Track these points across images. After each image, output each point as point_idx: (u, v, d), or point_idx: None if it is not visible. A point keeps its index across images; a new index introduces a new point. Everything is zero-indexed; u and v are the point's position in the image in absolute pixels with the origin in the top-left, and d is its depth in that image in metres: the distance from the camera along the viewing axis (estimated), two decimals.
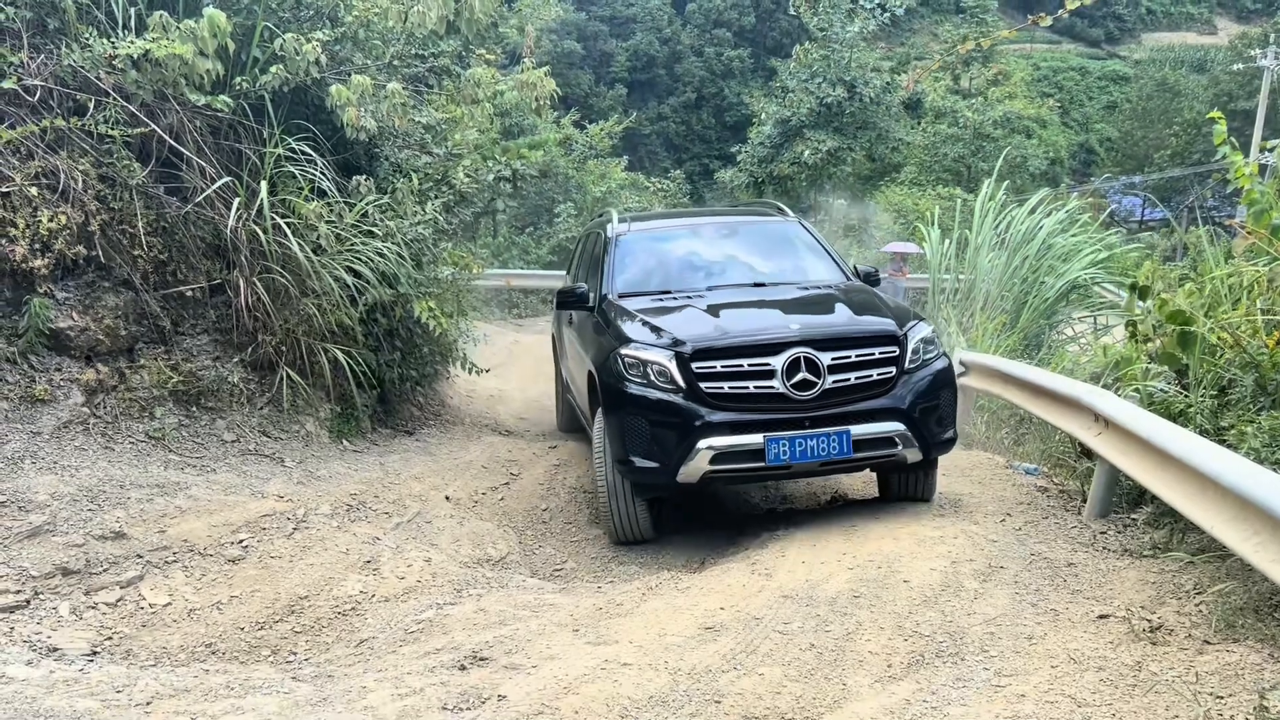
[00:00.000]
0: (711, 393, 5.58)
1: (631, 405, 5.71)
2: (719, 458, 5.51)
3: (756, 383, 5.56)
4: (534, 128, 21.30)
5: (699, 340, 5.70)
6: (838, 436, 5.53)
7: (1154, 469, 4.91)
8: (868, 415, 5.63)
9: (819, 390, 5.55)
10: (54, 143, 5.96)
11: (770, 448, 5.48)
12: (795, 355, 5.54)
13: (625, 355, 5.82)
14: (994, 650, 4.25)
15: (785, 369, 5.53)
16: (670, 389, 5.62)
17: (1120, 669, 3.98)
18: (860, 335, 5.79)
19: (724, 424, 5.52)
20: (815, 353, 5.56)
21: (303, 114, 7.28)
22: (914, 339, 5.86)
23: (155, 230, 6.32)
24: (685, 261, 7.33)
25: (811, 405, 5.54)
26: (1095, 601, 4.72)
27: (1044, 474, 7.58)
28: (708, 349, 5.63)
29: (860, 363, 5.66)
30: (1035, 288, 11.12)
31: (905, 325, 5.93)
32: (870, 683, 3.89)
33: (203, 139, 6.58)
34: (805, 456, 5.49)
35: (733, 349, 5.63)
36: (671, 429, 5.57)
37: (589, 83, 55.79)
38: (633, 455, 5.70)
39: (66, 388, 5.86)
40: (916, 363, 5.82)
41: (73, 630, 4.32)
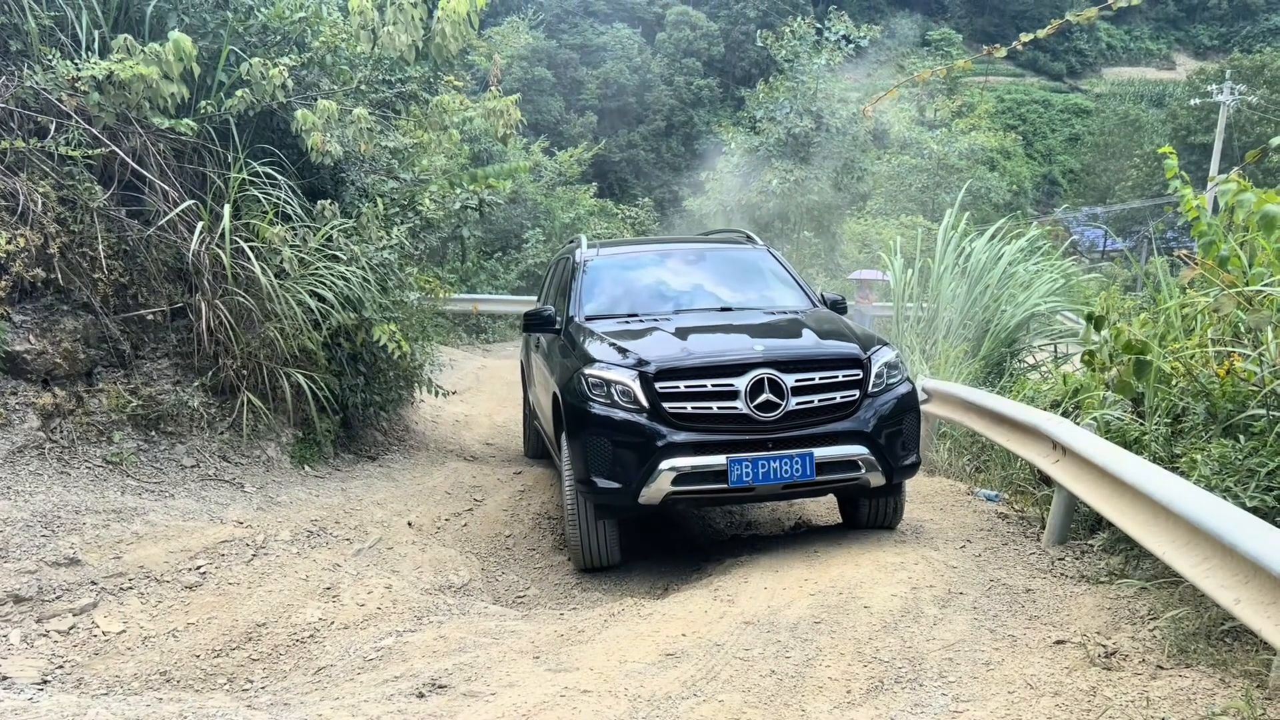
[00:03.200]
0: (675, 413, 5.58)
1: (594, 425, 5.69)
2: (682, 478, 5.50)
3: (720, 403, 5.56)
4: (503, 154, 21.36)
5: (663, 360, 5.72)
6: (801, 459, 5.52)
7: (1109, 496, 4.98)
8: (831, 438, 5.64)
9: (782, 412, 5.56)
10: (14, 164, 5.91)
11: (733, 469, 5.47)
12: (759, 376, 5.55)
13: (589, 375, 5.80)
14: (952, 676, 4.28)
15: (749, 390, 5.54)
16: (634, 409, 5.61)
17: (1075, 694, 4.02)
18: (824, 358, 5.81)
19: (687, 444, 5.52)
20: (779, 374, 5.58)
21: (268, 138, 7.27)
22: (878, 363, 5.89)
23: (116, 253, 6.27)
24: (652, 287, 7.39)
25: (775, 427, 5.56)
26: (1052, 627, 4.77)
27: (1004, 500, 7.66)
28: (672, 369, 5.65)
29: (823, 385, 5.69)
30: (996, 316, 11.25)
31: (869, 349, 5.98)
32: (829, 709, 3.90)
33: (166, 162, 6.55)
34: (768, 478, 5.49)
35: (696, 369, 5.65)
36: (634, 449, 5.55)
37: (559, 109, 56.04)
38: (594, 475, 5.68)
39: (22, 411, 5.78)
40: (880, 386, 5.85)
41: (23, 659, 4.24)
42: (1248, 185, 4.66)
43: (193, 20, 7.01)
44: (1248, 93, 44.81)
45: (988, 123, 38.53)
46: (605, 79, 60.60)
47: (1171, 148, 5.88)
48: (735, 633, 4.65)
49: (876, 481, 5.76)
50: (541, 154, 23.33)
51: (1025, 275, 11.50)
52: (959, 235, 12.49)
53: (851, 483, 5.77)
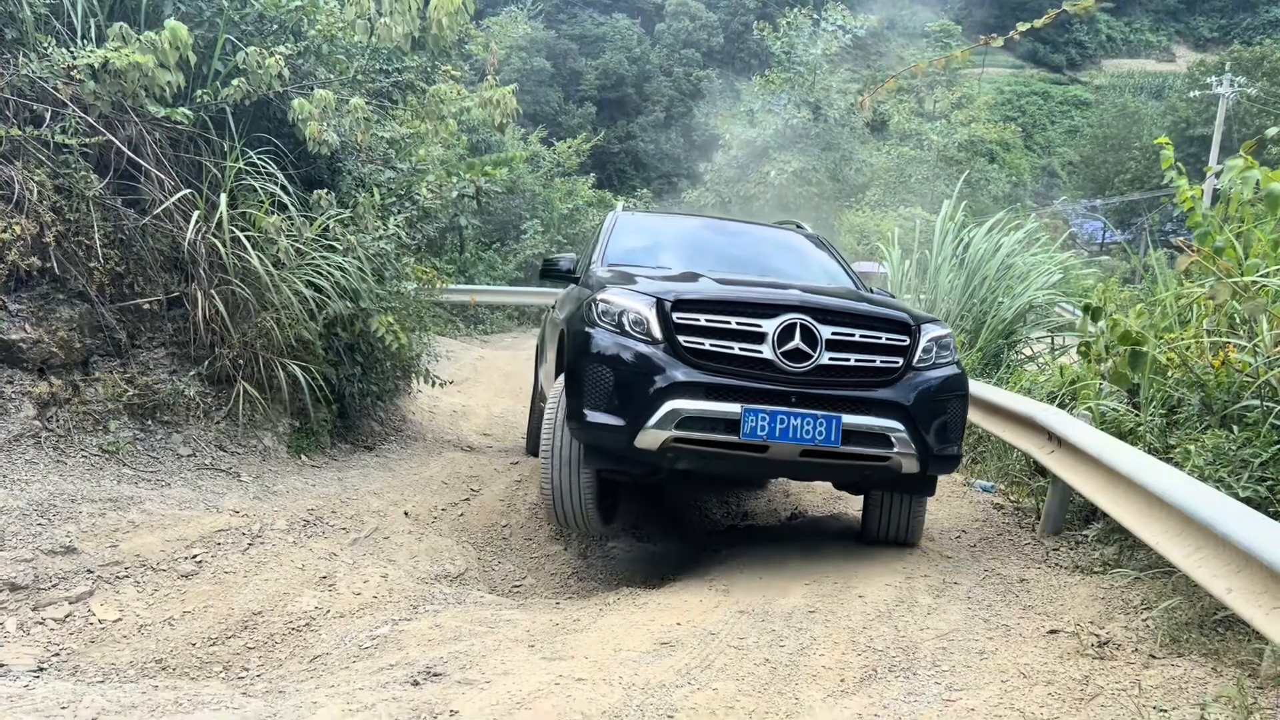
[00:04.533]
0: (690, 349, 5.02)
1: (598, 353, 5.12)
2: (687, 422, 4.90)
3: (743, 344, 5.01)
4: (501, 145, 21.32)
5: (685, 291, 5.22)
6: (826, 421, 4.91)
7: (1103, 486, 4.99)
8: (864, 405, 5.05)
9: (812, 365, 5.01)
10: (9, 153, 5.90)
11: (747, 419, 4.87)
12: (791, 321, 5.02)
13: (600, 300, 5.27)
14: (946, 665, 4.29)
15: (778, 335, 5.00)
16: (645, 339, 5.06)
17: (1068, 683, 4.03)
18: (867, 315, 5.24)
19: (699, 386, 4.94)
20: (814, 322, 5.05)
21: (265, 127, 7.26)
22: (927, 335, 5.32)
23: (112, 242, 6.26)
24: (689, 245, 6.98)
25: (802, 380, 5.00)
26: (1046, 617, 4.78)
27: (1000, 491, 7.68)
28: (693, 299, 5.14)
29: (863, 344, 5.13)
30: (994, 307, 11.26)
31: (920, 319, 5.42)
32: (823, 697, 3.91)
33: (162, 151, 6.54)
34: (785, 436, 4.87)
35: (721, 303, 5.12)
36: (638, 382, 4.97)
37: (558, 100, 55.97)
38: (589, 408, 5.08)
39: (18, 400, 5.78)
40: (927, 362, 5.28)
41: (19, 646, 4.24)
42: (1254, 163, 4.66)
43: (188, 8, 6.99)
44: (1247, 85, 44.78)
45: (987, 114, 38.55)
46: (604, 70, 60.53)
47: (1168, 139, 5.88)
48: (730, 622, 4.66)
49: (909, 467, 5.12)
50: (540, 144, 23.29)
51: (1023, 267, 11.51)
52: (956, 226, 12.50)
53: (880, 463, 5.10)
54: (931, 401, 5.18)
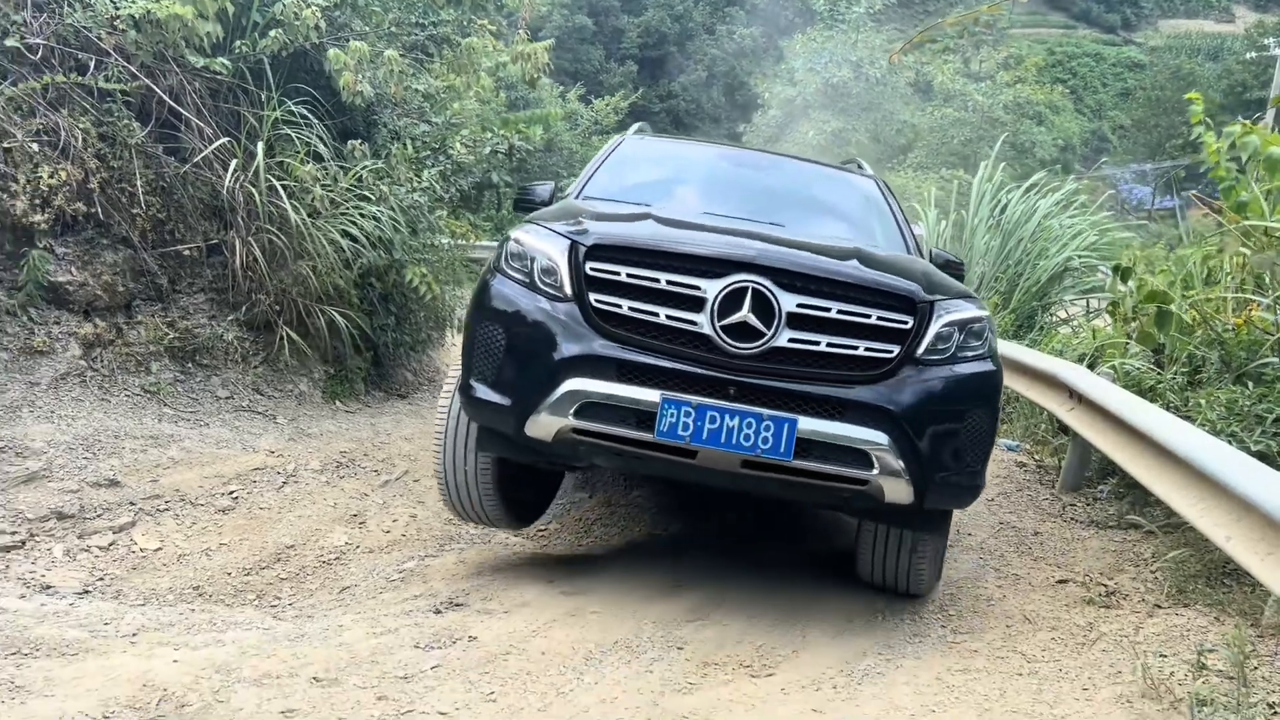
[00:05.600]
0: (605, 312, 3.74)
1: (492, 309, 3.95)
2: (589, 410, 3.64)
3: (673, 311, 3.69)
4: (539, 101, 21.34)
5: (606, 234, 3.92)
6: (776, 425, 3.55)
7: (1118, 441, 5.03)
8: (836, 407, 3.63)
9: (764, 345, 3.63)
10: (55, 100, 6.08)
11: (665, 413, 3.56)
12: (739, 284, 3.66)
13: (513, 239, 4.08)
14: (952, 610, 4.40)
15: (719, 301, 3.65)
16: (553, 295, 3.83)
17: (1071, 629, 4.13)
18: (855, 284, 3.79)
19: (609, 362, 3.67)
20: (773, 288, 3.67)
21: (301, 78, 7.39)
22: (944, 317, 3.84)
23: (154, 189, 6.44)
24: (694, 181, 5.64)
25: (750, 366, 3.64)
26: (1056, 568, 4.87)
27: (1024, 450, 7.71)
28: (614, 246, 3.84)
29: (843, 323, 3.71)
30: (1029, 269, 11.20)
31: (936, 295, 3.92)
32: (831, 636, 4.03)
33: (202, 101, 6.70)
34: (717, 440, 3.54)
35: (649, 253, 3.81)
36: (534, 351, 3.78)
37: (599, 58, 55.65)
38: (476, 379, 3.93)
39: (65, 340, 6.01)
40: (941, 353, 3.81)
41: (65, 570, 4.47)
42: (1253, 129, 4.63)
43: None
44: None
45: (1035, 76, 37.81)
46: (646, 27, 60.00)
47: (1198, 94, 5.82)
48: (746, 568, 4.79)
49: (896, 495, 3.68)
50: (578, 102, 23.27)
51: (1059, 230, 11.41)
52: (994, 188, 12.40)
53: (853, 486, 3.69)
54: (939, 409, 3.73)
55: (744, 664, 3.73)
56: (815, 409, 3.63)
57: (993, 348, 4.00)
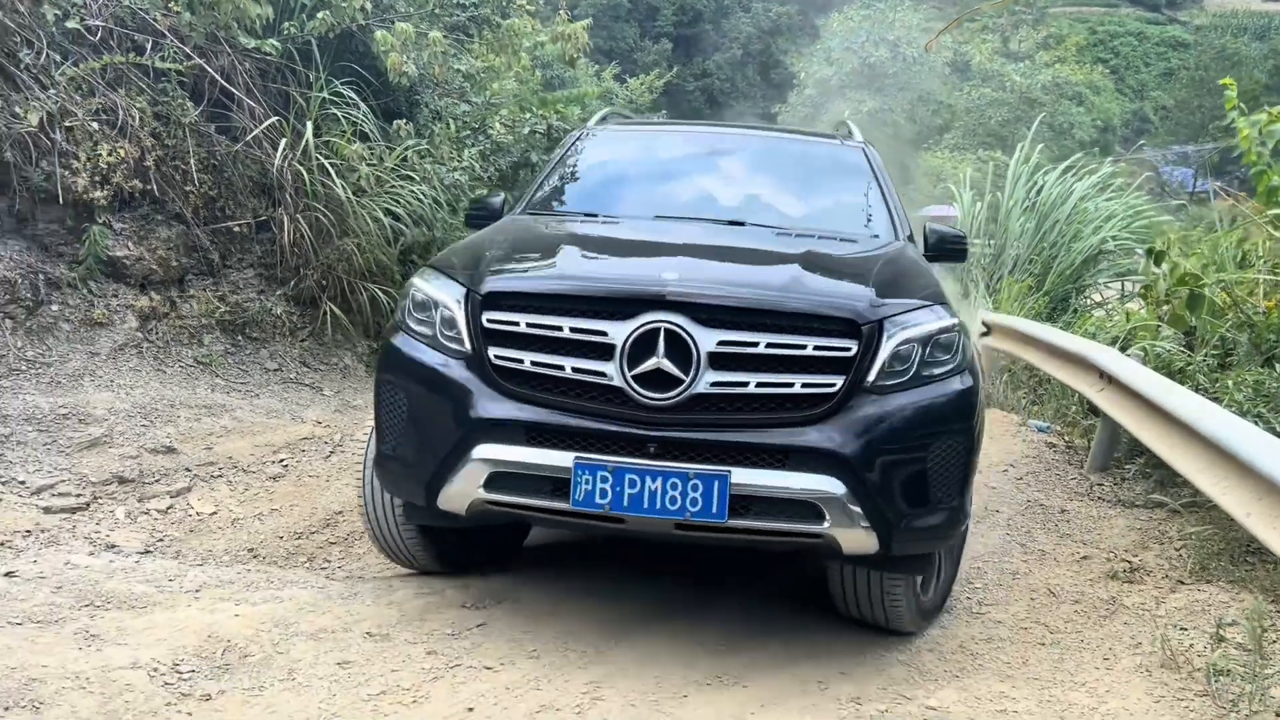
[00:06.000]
0: (506, 369, 3.32)
1: (396, 368, 3.58)
2: (499, 480, 3.26)
3: (578, 362, 3.25)
4: (575, 80, 21.43)
5: (501, 279, 3.50)
6: (704, 483, 3.10)
7: (1146, 421, 5.12)
8: (773, 455, 3.17)
9: (684, 394, 3.16)
10: (113, 80, 6.30)
11: (579, 480, 3.14)
12: (650, 325, 3.18)
13: (415, 285, 3.70)
14: (979, 583, 4.53)
15: (628, 347, 3.18)
16: (454, 350, 3.43)
17: (1094, 602, 4.24)
18: (784, 310, 3.29)
19: (517, 424, 3.26)
20: (688, 326, 3.18)
21: (348, 59, 7.57)
22: (898, 335, 3.31)
23: (206, 167, 6.66)
24: (654, 175, 5.18)
25: (668, 418, 3.18)
26: (1081, 544, 4.97)
27: (1055, 431, 7.78)
28: (511, 292, 3.44)
29: (774, 359, 3.22)
30: (1063, 252, 11.21)
31: (889, 310, 3.37)
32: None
33: (252, 81, 6.90)
34: (639, 506, 3.11)
35: (548, 297, 3.41)
36: (435, 417, 3.43)
37: (634, 36, 55.47)
38: (385, 449, 3.59)
39: (122, 313, 6.25)
40: (900, 376, 3.30)
41: (128, 531, 4.70)
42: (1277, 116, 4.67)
43: None
44: None
45: (1076, 56, 37.34)
46: (681, 5, 59.69)
47: (1232, 79, 5.85)
48: None
49: (856, 545, 3.22)
50: (613, 81, 23.32)
51: (1095, 212, 11.40)
52: (1030, 170, 12.39)
53: (806, 540, 3.26)
54: (901, 442, 3.26)
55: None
56: (752, 459, 3.16)
57: (966, 359, 3.46)
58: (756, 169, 5.22)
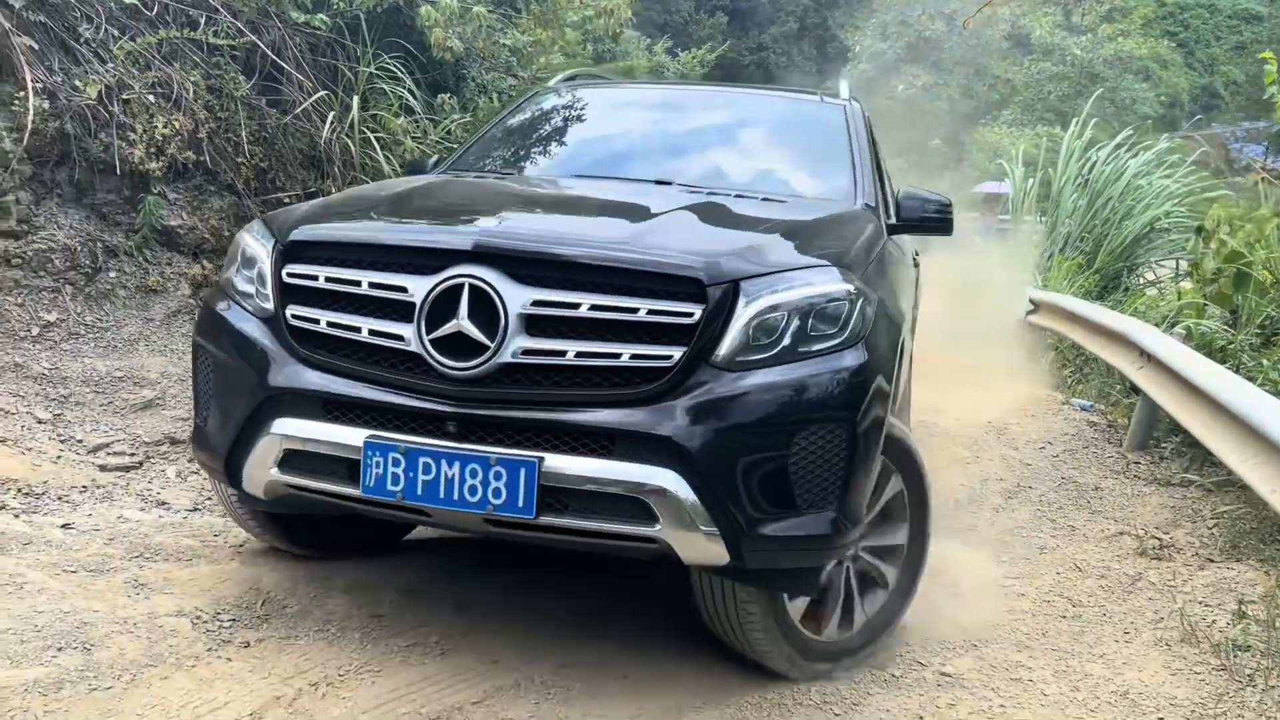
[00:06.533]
0: (302, 329, 2.92)
1: (206, 331, 3.20)
2: (293, 460, 2.86)
3: (377, 323, 2.81)
4: (625, 54, 21.40)
5: (310, 229, 3.08)
6: (507, 471, 2.60)
7: (1183, 400, 5.09)
8: (597, 439, 2.65)
9: (488, 363, 2.65)
10: (168, 55, 6.48)
11: (370, 462, 2.70)
12: (455, 281, 2.70)
13: (238, 238, 3.29)
14: (1005, 556, 4.55)
15: (429, 305, 2.71)
16: (260, 310, 3.03)
17: (1120, 578, 4.26)
18: (614, 266, 2.73)
19: (314, 396, 2.85)
20: (500, 282, 2.68)
21: (395, 33, 7.69)
22: (762, 299, 2.73)
23: (257, 139, 6.83)
24: (590, 137, 4.73)
25: (473, 393, 2.69)
26: (1113, 521, 4.97)
27: (1098, 410, 7.72)
28: (310, 242, 3.02)
29: (600, 323, 2.69)
30: (1115, 229, 11.04)
31: (747, 269, 2.78)
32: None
33: (301, 55, 7.05)
34: (435, 495, 2.65)
35: (351, 248, 2.99)
36: (234, 386, 3.01)
37: (688, 9, 55.06)
38: (199, 422, 3.19)
39: (176, 280, 6.45)
40: (762, 351, 2.72)
41: (178, 490, 4.90)
42: None
43: None
44: None
45: (1142, 29, 36.34)
46: None
47: (1272, 53, 5.72)
48: None
49: (696, 554, 2.69)
50: (665, 54, 23.19)
51: (1150, 189, 11.19)
52: (1083, 145, 12.19)
53: (636, 544, 2.72)
54: (755, 431, 2.67)
55: None
56: (570, 444, 2.64)
57: (859, 333, 2.81)
58: (711, 129, 4.70)
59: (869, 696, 3.12)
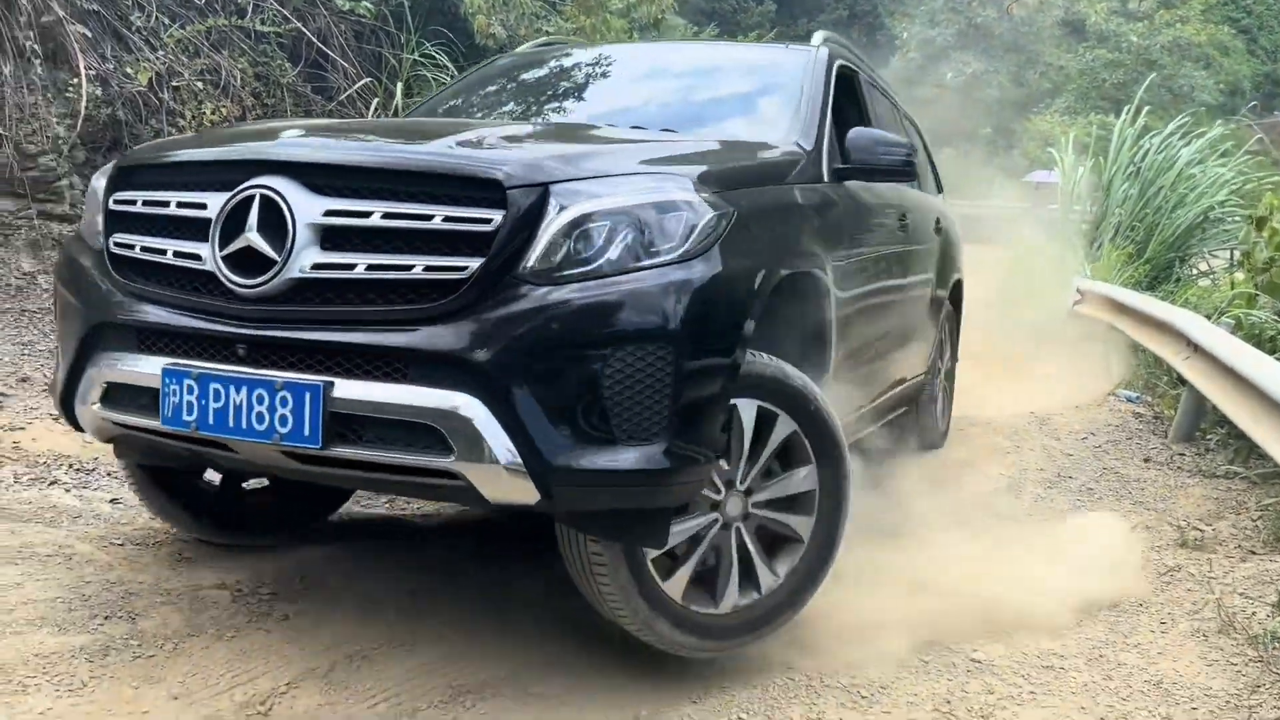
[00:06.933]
0: (121, 257, 2.80)
1: (57, 268, 3.20)
2: (114, 397, 2.75)
3: (181, 244, 2.65)
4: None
5: (137, 154, 3.09)
6: (292, 396, 2.41)
7: (1229, 391, 5.01)
8: (388, 363, 2.42)
9: (276, 278, 2.44)
10: (217, 42, 6.62)
11: (168, 390, 2.55)
12: (248, 193, 2.50)
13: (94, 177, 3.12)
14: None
15: (224, 220, 2.53)
16: (95, 243, 2.92)
17: (1158, 568, 4.20)
18: (408, 170, 2.51)
19: (130, 327, 2.74)
20: (292, 192, 2.46)
21: (438, 21, 7.78)
22: (574, 208, 2.43)
23: None
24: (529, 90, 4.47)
25: (265, 312, 2.50)
26: (1154, 512, 4.90)
27: (1143, 401, 7.60)
28: (133, 166, 2.93)
29: (392, 233, 2.43)
30: (1167, 218, 10.83)
31: (561, 172, 2.50)
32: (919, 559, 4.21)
33: (346, 42, 7.16)
34: (224, 424, 2.47)
35: (166, 168, 2.86)
36: (72, 321, 2.90)
37: None
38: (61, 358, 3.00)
39: None
40: (579, 265, 2.41)
41: None
42: None
43: None
44: None
45: (1201, 15, 35.51)
46: None
47: None
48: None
49: (501, 492, 2.40)
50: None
51: (1203, 177, 10.97)
52: (1136, 134, 11.96)
53: (436, 480, 2.48)
54: (564, 350, 2.38)
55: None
56: (364, 368, 2.42)
57: (702, 248, 2.50)
58: (661, 78, 4.41)
59: (896, 681, 3.12)
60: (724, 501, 2.78)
